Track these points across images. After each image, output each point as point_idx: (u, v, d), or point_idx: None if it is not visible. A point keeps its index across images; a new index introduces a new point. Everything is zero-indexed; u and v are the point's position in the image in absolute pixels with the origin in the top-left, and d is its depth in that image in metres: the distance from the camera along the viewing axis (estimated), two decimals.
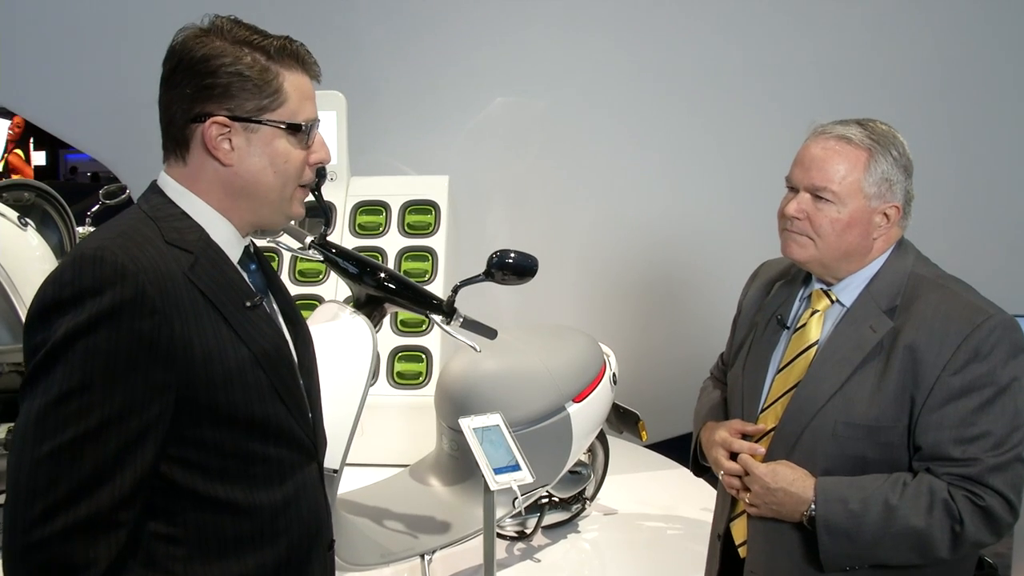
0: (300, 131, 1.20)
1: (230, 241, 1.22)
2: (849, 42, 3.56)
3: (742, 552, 1.69)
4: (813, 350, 1.61)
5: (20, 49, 4.55)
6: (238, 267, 1.22)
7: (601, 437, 3.19)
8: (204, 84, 1.15)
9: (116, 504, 1.04)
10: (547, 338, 2.95)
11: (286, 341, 1.25)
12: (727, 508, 1.74)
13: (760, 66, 3.67)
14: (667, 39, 3.79)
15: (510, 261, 2.28)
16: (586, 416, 2.86)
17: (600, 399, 2.94)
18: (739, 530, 1.71)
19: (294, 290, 3.77)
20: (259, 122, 1.17)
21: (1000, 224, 3.55)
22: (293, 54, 1.21)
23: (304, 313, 3.80)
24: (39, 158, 12.23)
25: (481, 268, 2.32)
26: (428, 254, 3.77)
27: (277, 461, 1.20)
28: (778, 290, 1.75)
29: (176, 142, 1.19)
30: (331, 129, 3.81)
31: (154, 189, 1.22)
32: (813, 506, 1.52)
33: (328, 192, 3.82)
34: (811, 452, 1.56)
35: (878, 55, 3.52)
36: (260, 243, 3.94)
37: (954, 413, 1.47)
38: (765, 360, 1.68)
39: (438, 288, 3.65)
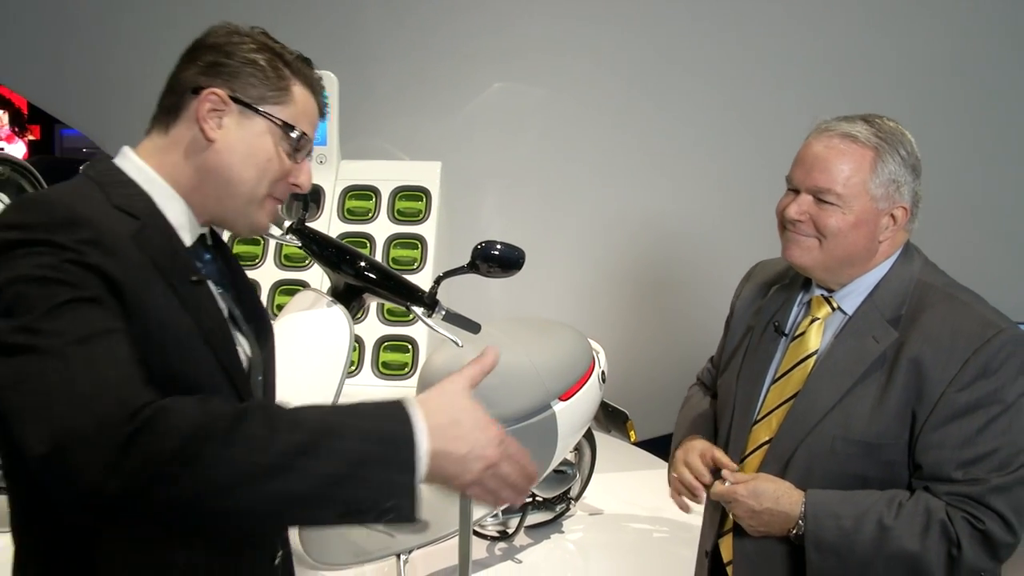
0: (292, 135, 1.15)
1: (182, 223, 1.13)
2: (852, 39, 3.46)
3: (730, 571, 1.60)
4: (812, 360, 1.51)
5: (11, 24, 4.46)
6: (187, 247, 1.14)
7: (588, 435, 3.11)
8: (216, 61, 1.13)
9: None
10: (534, 333, 2.85)
11: (228, 329, 1.16)
12: (715, 525, 1.64)
13: (762, 62, 3.58)
14: (669, 32, 3.70)
15: (496, 253, 2.19)
16: (573, 415, 2.77)
17: (588, 397, 2.84)
18: (728, 548, 1.61)
19: (279, 275, 3.68)
20: (256, 110, 1.13)
21: (1009, 228, 3.45)
22: (309, 75, 1.19)
23: (284, 299, 3.71)
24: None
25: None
26: (417, 242, 3.68)
27: None
28: (775, 294, 1.65)
29: (167, 111, 1.15)
30: None
31: (104, 159, 1.15)
32: (801, 522, 1.43)
33: (317, 176, 3.72)
34: (807, 469, 1.47)
35: (881, 51, 3.42)
36: None
37: (958, 432, 1.38)
38: (761, 369, 1.58)
39: (426, 277, 3.56)
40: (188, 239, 1.14)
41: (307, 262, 3.67)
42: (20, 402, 0.88)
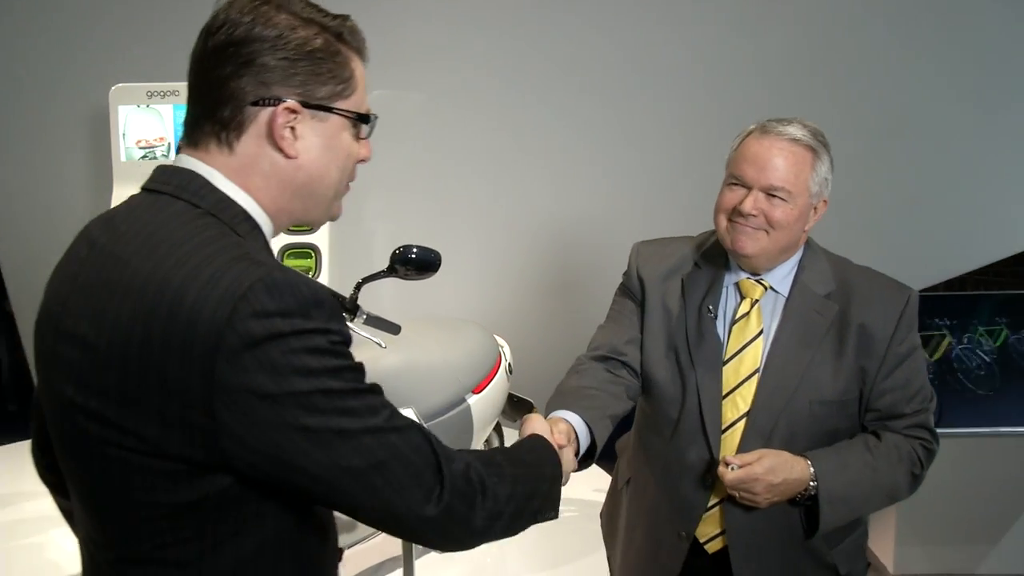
0: (367, 124, 1.09)
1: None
2: (720, 40, 3.69)
3: (711, 547, 1.75)
4: (760, 339, 1.70)
5: None
6: None
7: (496, 427, 3.25)
8: (274, 63, 1.00)
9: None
10: (445, 331, 2.96)
11: None
12: (697, 508, 1.74)
13: (636, 63, 3.76)
14: (545, 35, 3.83)
15: (413, 256, 2.28)
16: (485, 407, 2.91)
17: (497, 389, 2.99)
18: (708, 525, 1.75)
19: None
20: (330, 110, 1.04)
21: (869, 219, 3.74)
22: (358, 37, 1.09)
23: None
24: None
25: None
26: (311, 251, 3.69)
27: None
28: (693, 278, 1.77)
29: (223, 125, 1.01)
30: None
31: (198, 180, 1.02)
32: (813, 483, 1.63)
33: None
34: (791, 435, 1.67)
35: (746, 51, 3.66)
36: None
37: (902, 376, 1.68)
38: (714, 353, 1.72)
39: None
40: None
41: None
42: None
